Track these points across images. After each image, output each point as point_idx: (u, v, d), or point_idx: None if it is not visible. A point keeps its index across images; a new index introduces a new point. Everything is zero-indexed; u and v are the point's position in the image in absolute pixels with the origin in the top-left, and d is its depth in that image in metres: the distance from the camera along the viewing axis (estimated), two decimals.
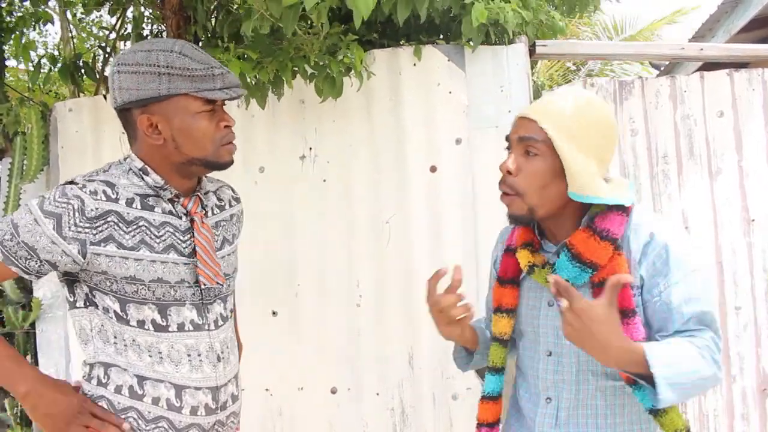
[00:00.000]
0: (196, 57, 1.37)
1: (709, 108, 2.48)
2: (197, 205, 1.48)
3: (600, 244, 1.38)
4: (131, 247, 1.36)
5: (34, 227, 1.31)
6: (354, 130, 2.53)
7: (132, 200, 1.39)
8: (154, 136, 1.37)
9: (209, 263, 1.46)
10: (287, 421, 2.57)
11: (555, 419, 1.48)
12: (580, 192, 1.36)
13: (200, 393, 1.43)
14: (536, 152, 1.37)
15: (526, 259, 1.49)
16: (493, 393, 1.57)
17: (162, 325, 1.40)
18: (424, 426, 2.49)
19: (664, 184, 2.49)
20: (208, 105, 1.38)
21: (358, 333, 2.53)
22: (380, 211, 2.51)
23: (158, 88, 1.34)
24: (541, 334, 1.52)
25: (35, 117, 2.67)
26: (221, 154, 1.43)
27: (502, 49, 2.46)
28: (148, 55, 1.35)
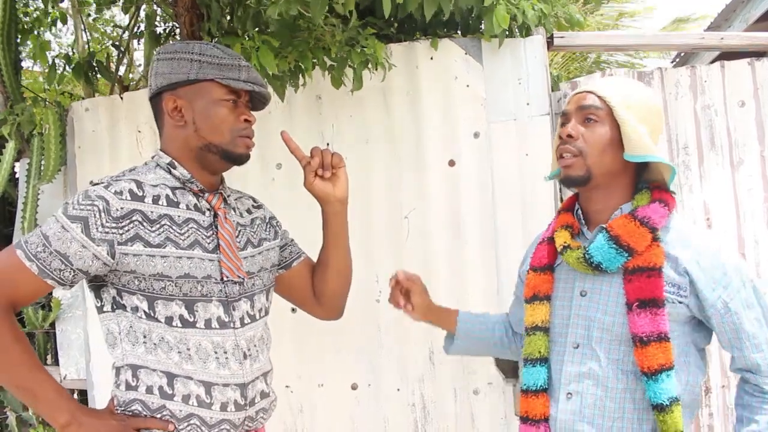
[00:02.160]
0: (227, 51, 1.46)
1: (730, 98, 2.45)
2: (221, 201, 1.51)
3: (639, 229, 1.40)
4: (157, 244, 1.37)
5: (63, 234, 1.33)
6: (371, 125, 2.52)
7: (158, 197, 1.41)
8: (177, 118, 1.44)
9: (231, 257, 1.47)
10: (308, 418, 2.57)
11: (579, 415, 1.45)
12: (635, 152, 1.42)
13: (228, 389, 1.44)
14: (596, 119, 1.44)
15: (562, 238, 1.51)
16: (536, 386, 1.52)
17: (189, 321, 1.41)
18: (445, 421, 2.48)
19: (685, 175, 2.46)
20: (231, 95, 1.44)
21: (377, 328, 2.52)
22: (399, 206, 2.50)
23: (188, 72, 1.42)
24: (571, 324, 1.51)
25: (52, 117, 2.68)
26: (237, 144, 1.46)
27: (520, 42, 2.44)
28: (186, 45, 1.45)
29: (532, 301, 1.55)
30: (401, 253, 2.49)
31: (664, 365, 1.36)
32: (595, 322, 1.46)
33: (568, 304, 1.51)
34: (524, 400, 1.54)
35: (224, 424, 1.44)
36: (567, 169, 1.47)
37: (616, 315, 1.43)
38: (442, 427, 2.48)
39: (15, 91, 2.91)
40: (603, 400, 1.44)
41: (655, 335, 1.37)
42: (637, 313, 1.38)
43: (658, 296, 1.37)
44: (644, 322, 1.37)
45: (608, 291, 1.45)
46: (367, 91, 2.46)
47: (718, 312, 1.40)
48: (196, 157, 1.47)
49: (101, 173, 2.85)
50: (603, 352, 1.45)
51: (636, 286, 1.39)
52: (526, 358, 1.55)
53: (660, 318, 1.37)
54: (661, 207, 1.42)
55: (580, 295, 1.50)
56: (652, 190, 1.47)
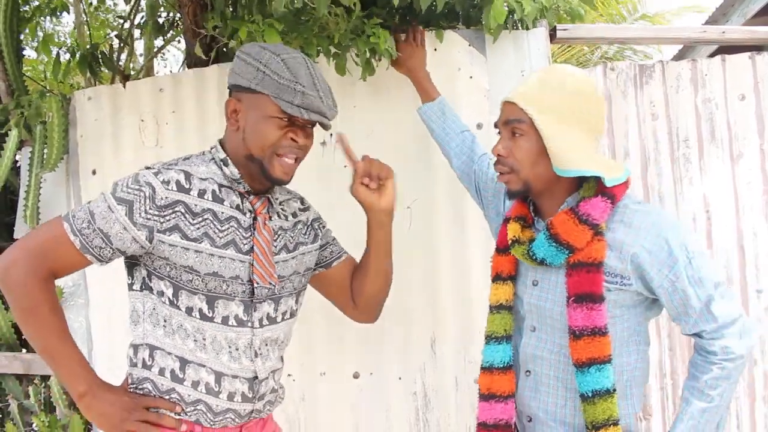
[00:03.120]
0: (293, 69, 1.42)
1: (731, 91, 2.48)
2: (264, 206, 1.53)
3: (578, 227, 1.45)
4: (194, 238, 1.42)
5: (108, 214, 1.38)
6: (375, 116, 2.53)
7: (204, 191, 1.45)
8: (233, 120, 1.47)
9: (264, 263, 1.50)
10: (310, 407, 2.59)
11: (535, 392, 1.57)
12: (562, 167, 1.45)
13: (237, 381, 1.48)
14: (521, 133, 1.47)
15: (513, 231, 1.58)
16: (503, 362, 1.59)
17: (207, 316, 1.45)
18: (446, 410, 2.50)
19: (685, 168, 2.48)
20: (283, 114, 1.42)
21: (380, 317, 2.53)
22: (402, 196, 2.49)
23: (251, 80, 1.43)
24: (527, 311, 1.59)
25: (56, 106, 2.68)
26: (274, 164, 1.45)
27: (523, 34, 2.45)
28: (261, 52, 1.44)
29: (496, 280, 1.63)
30: (404, 242, 2.49)
31: (595, 358, 1.44)
32: (545, 311, 1.54)
33: (524, 290, 1.59)
34: (488, 377, 1.59)
35: (229, 413, 1.48)
36: (507, 185, 1.53)
37: (561, 305, 1.50)
38: (443, 415, 2.50)
39: (17, 79, 2.91)
40: (555, 381, 1.54)
41: (589, 329, 1.44)
42: (574, 307, 1.46)
43: (595, 291, 1.44)
44: (579, 316, 1.45)
45: (556, 282, 1.53)
46: (370, 81, 2.47)
47: (666, 291, 1.47)
48: (243, 164, 1.49)
49: (103, 162, 2.86)
50: (554, 339, 1.54)
51: (575, 281, 1.46)
52: (490, 336, 1.62)
53: (596, 312, 1.44)
54: (603, 201, 1.45)
55: (532, 284, 1.58)
56: (599, 181, 1.48)
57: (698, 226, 2.47)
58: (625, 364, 1.53)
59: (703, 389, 1.47)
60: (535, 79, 1.50)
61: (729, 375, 1.46)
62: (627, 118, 2.49)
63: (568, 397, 1.53)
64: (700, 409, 1.46)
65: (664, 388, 2.46)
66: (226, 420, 1.47)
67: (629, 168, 2.39)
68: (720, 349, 1.46)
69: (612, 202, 1.46)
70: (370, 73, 2.31)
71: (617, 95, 2.50)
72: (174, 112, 2.69)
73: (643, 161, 2.49)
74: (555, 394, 1.55)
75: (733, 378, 1.47)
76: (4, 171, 2.75)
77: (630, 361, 1.54)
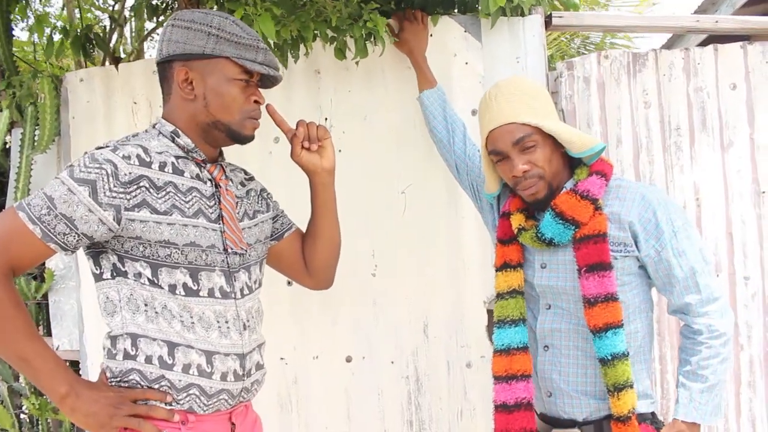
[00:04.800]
0: (246, 29, 1.44)
1: (722, 80, 2.50)
2: (222, 173, 1.52)
3: (580, 203, 1.57)
4: (164, 211, 1.37)
5: (70, 197, 1.29)
6: (370, 101, 2.54)
7: (164, 164, 1.40)
8: (187, 90, 1.43)
9: (234, 229, 1.49)
10: (302, 390, 2.61)
11: (555, 365, 1.66)
12: (581, 149, 1.59)
13: (229, 359, 1.45)
14: (533, 143, 1.59)
15: (517, 221, 1.69)
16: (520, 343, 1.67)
17: (193, 290, 1.41)
18: (438, 394, 2.53)
19: (676, 156, 2.51)
20: (244, 74, 1.43)
21: (373, 302, 2.55)
22: (396, 181, 2.53)
23: (204, 45, 1.40)
24: (539, 292, 1.69)
25: (48, 87, 2.65)
26: (245, 125, 1.47)
27: (519, 21, 2.46)
28: (205, 16, 1.42)
29: (504, 268, 1.72)
30: (398, 227, 2.52)
31: (610, 324, 1.55)
32: (558, 289, 1.65)
33: (533, 274, 1.69)
34: (504, 359, 1.67)
35: (223, 393, 1.44)
36: (534, 195, 1.62)
37: (573, 281, 1.61)
38: (435, 399, 2.53)
39: (8, 60, 2.88)
40: (575, 351, 1.64)
41: (602, 296, 1.55)
42: (586, 277, 1.57)
43: (604, 260, 1.56)
44: (591, 285, 1.56)
45: (564, 260, 1.64)
46: (366, 66, 2.48)
47: (652, 260, 1.60)
48: (201, 132, 1.47)
49: (95, 143, 2.77)
50: (569, 312, 1.64)
51: (584, 253, 1.58)
52: (503, 320, 1.69)
53: (607, 280, 1.55)
54: (599, 178, 1.60)
55: (540, 267, 1.68)
56: (589, 165, 1.64)
57: (688, 213, 2.49)
58: (639, 330, 1.64)
59: (696, 371, 1.57)
60: (507, 98, 1.62)
61: (717, 353, 1.56)
62: (620, 106, 2.51)
63: (588, 365, 1.62)
64: (698, 390, 1.56)
65: (653, 373, 2.50)
66: (220, 402, 1.44)
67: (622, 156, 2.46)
68: (705, 328, 1.57)
69: (605, 179, 1.61)
70: (363, 56, 2.30)
71: (611, 83, 2.51)
72: None
73: (635, 149, 2.51)
74: (576, 363, 1.64)
75: (723, 355, 1.57)
76: None
77: (640, 327, 1.65)
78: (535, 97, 1.62)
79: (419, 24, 2.35)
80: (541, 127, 1.58)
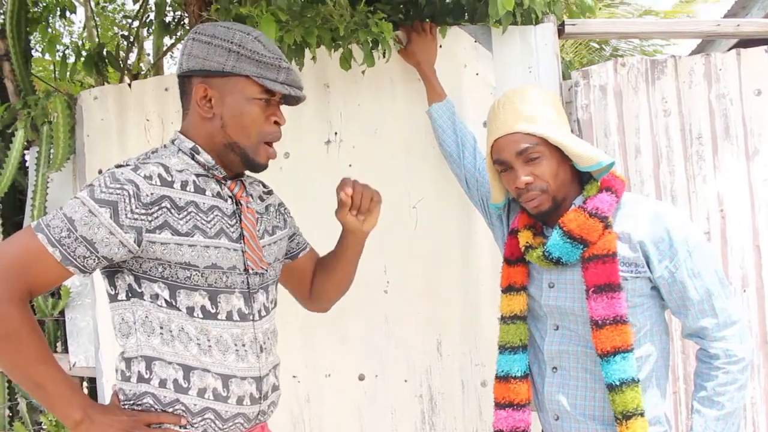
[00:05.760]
0: (269, 47, 1.38)
1: (746, 86, 2.40)
2: (242, 191, 1.47)
3: (589, 221, 1.50)
4: (185, 233, 1.33)
5: (91, 219, 1.25)
6: (380, 114, 2.49)
7: (186, 183, 1.37)
8: (206, 108, 1.39)
9: (255, 248, 1.45)
10: (315, 408, 2.56)
11: (563, 387, 1.59)
12: (588, 163, 1.52)
13: (245, 383, 1.41)
14: (538, 154, 1.52)
15: (525, 239, 1.62)
16: (520, 372, 1.63)
17: (211, 312, 1.37)
18: (453, 413, 2.46)
19: (698, 165, 2.41)
20: (265, 94, 1.38)
21: (385, 319, 2.50)
22: (407, 196, 2.48)
23: (224, 63, 1.35)
24: (547, 312, 1.62)
25: (61, 106, 2.68)
26: (260, 151, 1.42)
27: (531, 29, 2.40)
28: (227, 31, 1.36)
29: (508, 291, 1.66)
30: (409, 243, 2.47)
31: (619, 348, 1.47)
32: (566, 309, 1.58)
33: (540, 294, 1.62)
34: (504, 387, 1.64)
35: (239, 417, 1.41)
36: (537, 208, 1.56)
37: (581, 301, 1.54)
38: (450, 418, 2.46)
39: (25, 80, 2.92)
40: (584, 373, 1.57)
41: (611, 318, 1.47)
42: (594, 298, 1.49)
43: (613, 281, 1.48)
44: (600, 306, 1.48)
45: (572, 280, 1.57)
46: (375, 79, 2.44)
47: (666, 281, 1.51)
48: (219, 152, 1.42)
49: (110, 162, 2.84)
50: (578, 334, 1.57)
51: (593, 273, 1.50)
52: (504, 346, 1.66)
53: (616, 301, 1.47)
54: (609, 195, 1.53)
55: (548, 287, 1.61)
56: (600, 179, 1.57)
57: (712, 225, 2.40)
58: (651, 353, 1.56)
59: (712, 397, 1.48)
60: (515, 107, 1.56)
61: (735, 379, 1.47)
62: (638, 114, 2.43)
63: (597, 388, 1.55)
64: (714, 417, 1.48)
65: (677, 392, 2.40)
66: (236, 426, 1.40)
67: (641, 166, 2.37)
68: (722, 352, 1.48)
69: (616, 196, 1.54)
70: (370, 64, 2.26)
71: (628, 91, 2.43)
72: (179, 111, 2.67)
73: (655, 159, 2.42)
74: (584, 386, 1.57)
75: (740, 382, 1.48)
76: (10, 171, 2.76)
77: (653, 351, 1.56)
78: (544, 106, 1.56)
79: (428, 35, 2.31)
80: (547, 138, 1.51)
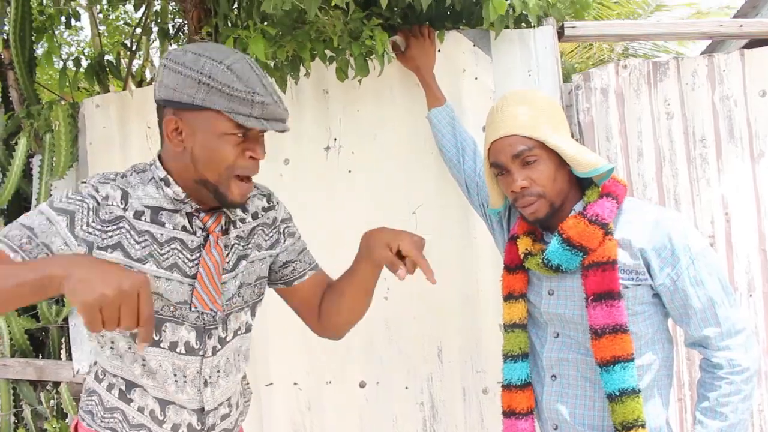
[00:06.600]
0: (243, 77, 1.24)
1: (751, 87, 2.36)
2: (218, 223, 1.38)
3: (589, 228, 1.46)
4: (138, 258, 1.28)
5: (48, 227, 1.22)
6: (379, 120, 2.48)
7: (141, 213, 1.31)
8: (176, 141, 1.29)
9: (208, 287, 1.36)
10: (316, 415, 2.55)
11: (561, 396, 1.56)
12: (586, 169, 1.48)
13: (185, 412, 1.39)
14: (535, 158, 1.49)
15: (524, 245, 1.59)
16: (520, 380, 1.61)
17: (154, 340, 1.32)
18: (454, 420, 2.43)
19: (702, 168, 2.37)
20: (238, 129, 1.26)
21: (386, 326, 2.49)
22: (407, 202, 2.46)
23: (194, 95, 1.24)
24: (547, 319, 1.60)
25: (62, 115, 2.69)
26: (231, 188, 1.31)
27: (529, 33, 2.37)
28: (197, 60, 1.24)
29: (508, 299, 1.64)
30: None
31: (619, 357, 1.43)
32: (566, 317, 1.55)
33: (539, 300, 1.60)
34: (508, 395, 1.62)
35: None
36: (533, 215, 1.53)
37: (581, 309, 1.50)
38: (451, 426, 2.44)
39: (29, 89, 2.94)
40: (583, 381, 1.54)
41: (610, 327, 1.44)
42: (593, 306, 1.46)
43: (613, 288, 1.44)
44: (599, 315, 1.45)
45: (572, 287, 1.53)
46: (374, 85, 2.42)
47: (667, 289, 1.47)
48: (191, 187, 1.33)
49: (112, 169, 2.85)
50: (578, 341, 1.54)
51: (592, 281, 1.47)
52: (507, 354, 1.64)
53: (615, 310, 1.44)
54: (609, 201, 1.49)
55: (548, 294, 1.58)
56: (600, 185, 1.52)
57: (717, 229, 2.36)
58: (653, 362, 1.52)
59: (715, 408, 1.45)
60: (513, 110, 1.52)
61: (739, 390, 1.43)
62: (640, 117, 2.40)
63: (596, 397, 1.52)
64: (716, 428, 1.44)
65: (682, 399, 2.36)
66: None
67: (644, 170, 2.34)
68: (725, 362, 1.44)
69: (617, 202, 1.50)
70: (364, 74, 2.25)
71: (630, 93, 2.40)
72: None
73: (657, 162, 2.39)
74: (583, 395, 1.54)
75: (744, 393, 1.44)
76: (14, 179, 2.78)
77: (655, 360, 1.52)
78: (542, 110, 1.51)
79: (426, 40, 2.29)
80: (544, 141, 1.47)
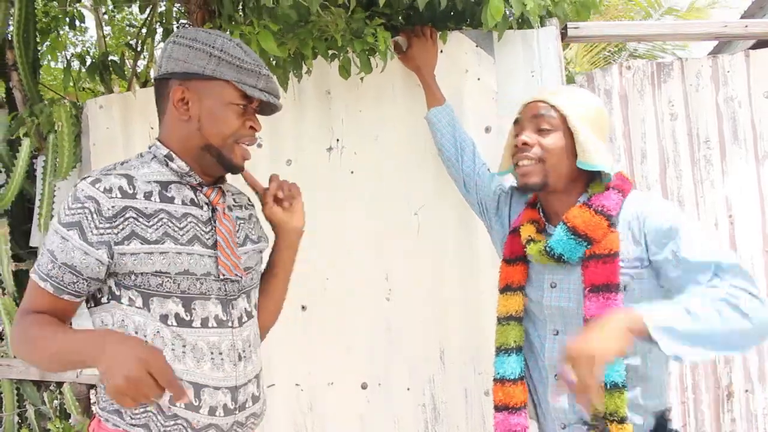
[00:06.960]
0: (249, 53, 1.40)
1: (755, 88, 2.35)
2: (219, 196, 1.47)
3: (594, 218, 1.46)
4: (155, 240, 1.33)
5: (64, 245, 1.29)
6: (381, 120, 2.48)
7: (150, 193, 1.36)
8: (182, 110, 1.39)
9: (230, 255, 1.43)
10: (318, 417, 2.55)
11: (569, 396, 1.53)
12: (589, 161, 1.48)
13: (219, 393, 1.40)
14: (550, 128, 1.51)
15: (527, 232, 1.59)
16: (514, 375, 1.60)
17: (185, 320, 1.37)
18: (456, 422, 2.43)
19: (706, 170, 2.36)
20: (243, 100, 1.39)
21: (387, 327, 2.48)
22: (409, 203, 2.46)
23: (204, 66, 1.36)
24: (548, 315, 1.58)
25: (65, 115, 2.70)
26: (235, 151, 1.42)
27: (533, 33, 2.36)
28: (208, 36, 1.38)
29: (505, 291, 1.63)
30: (411, 250, 2.45)
31: None
32: (569, 311, 1.53)
33: (541, 294, 1.58)
34: (501, 389, 1.61)
35: (211, 428, 1.39)
36: (525, 177, 1.54)
37: (583, 302, 1.49)
38: (453, 427, 2.43)
39: (32, 89, 2.95)
40: None
41: None
42: (589, 297, 1.45)
43: (612, 281, 1.43)
44: (594, 306, 1.43)
45: (575, 280, 1.52)
46: (376, 85, 2.42)
47: (670, 263, 1.42)
48: (195, 156, 1.42)
49: None
50: None
51: (591, 272, 1.46)
52: (500, 348, 1.63)
53: (612, 302, 1.42)
54: (615, 194, 1.49)
55: (550, 287, 1.56)
56: (606, 183, 1.53)
57: (721, 231, 2.34)
58: (655, 359, 1.51)
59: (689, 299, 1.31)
60: (562, 89, 1.57)
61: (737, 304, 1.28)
62: (644, 118, 2.39)
63: None
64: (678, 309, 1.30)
65: (685, 402, 2.34)
66: None
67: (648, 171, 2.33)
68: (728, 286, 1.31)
69: (623, 194, 1.50)
70: (367, 71, 2.24)
71: (634, 95, 2.39)
72: None
73: (661, 163, 2.38)
74: None
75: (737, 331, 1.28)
76: (17, 180, 2.78)
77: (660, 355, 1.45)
78: (583, 104, 1.54)
79: (428, 40, 2.29)
80: (566, 117, 1.50)
